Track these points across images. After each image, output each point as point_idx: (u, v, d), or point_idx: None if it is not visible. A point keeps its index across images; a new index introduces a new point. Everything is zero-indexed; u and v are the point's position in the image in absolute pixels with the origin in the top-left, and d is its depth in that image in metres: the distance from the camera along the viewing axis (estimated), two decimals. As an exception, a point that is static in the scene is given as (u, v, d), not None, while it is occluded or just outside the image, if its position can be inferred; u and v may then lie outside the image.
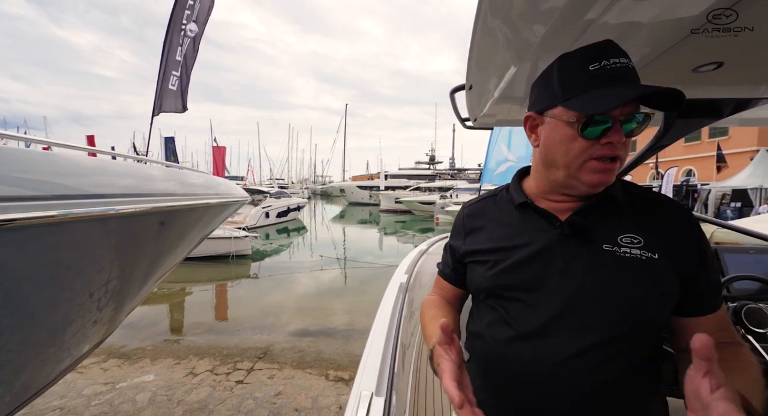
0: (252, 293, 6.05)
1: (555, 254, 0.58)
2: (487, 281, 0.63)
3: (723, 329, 0.57)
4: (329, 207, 29.49)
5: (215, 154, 15.63)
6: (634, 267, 0.54)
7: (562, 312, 0.55)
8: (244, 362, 3.38)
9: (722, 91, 0.98)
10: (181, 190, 2.33)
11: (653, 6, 0.59)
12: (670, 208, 0.60)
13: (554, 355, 0.54)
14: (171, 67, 3.83)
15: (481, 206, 0.72)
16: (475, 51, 0.77)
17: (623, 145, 0.54)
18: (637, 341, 0.54)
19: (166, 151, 8.99)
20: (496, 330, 0.62)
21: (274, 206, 13.99)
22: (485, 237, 0.66)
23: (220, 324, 4.54)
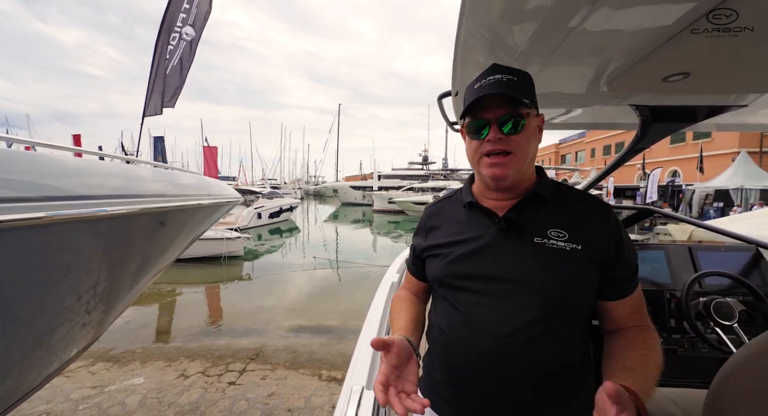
0: (244, 294, 6.01)
1: (494, 246, 0.66)
2: (438, 272, 0.71)
3: (636, 312, 0.65)
4: (322, 207, 29.38)
5: (206, 154, 15.44)
6: (559, 257, 0.62)
7: (499, 297, 0.63)
8: (237, 363, 3.37)
9: (693, 99, 1.03)
10: (172, 190, 2.32)
11: (626, 18, 0.62)
12: (594, 205, 0.67)
13: (493, 335, 0.62)
14: (163, 69, 3.80)
15: (439, 207, 0.81)
16: (459, 60, 0.80)
17: (506, 141, 0.63)
18: (562, 320, 0.62)
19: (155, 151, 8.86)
20: (447, 316, 0.70)
21: (266, 207, 13.89)
22: (441, 234, 0.75)
23: (211, 326, 4.50)
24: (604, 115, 1.31)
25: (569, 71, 0.89)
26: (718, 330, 1.04)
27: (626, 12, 0.60)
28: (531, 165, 0.70)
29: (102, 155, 2.77)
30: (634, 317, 0.65)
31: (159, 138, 9.07)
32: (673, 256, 1.34)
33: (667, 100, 1.07)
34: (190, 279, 6.73)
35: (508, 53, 0.77)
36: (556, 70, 0.87)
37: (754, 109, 1.15)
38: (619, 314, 0.65)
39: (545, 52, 0.76)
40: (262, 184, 33.26)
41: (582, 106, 1.21)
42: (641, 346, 0.61)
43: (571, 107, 1.23)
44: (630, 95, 1.06)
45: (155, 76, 3.76)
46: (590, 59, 0.81)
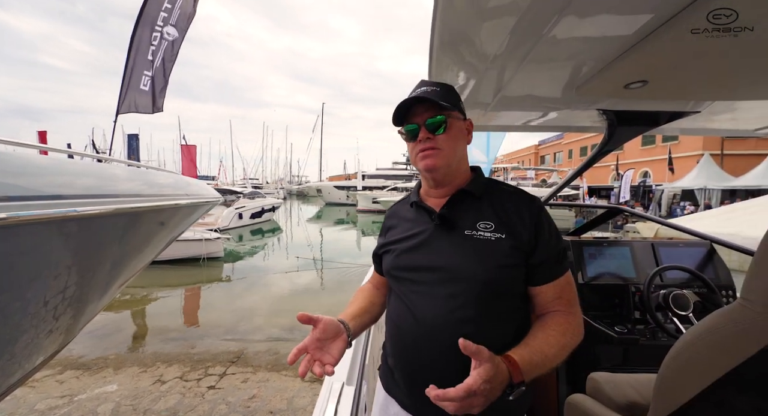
0: (225, 296, 5.87)
1: (431, 240, 0.74)
2: (388, 266, 0.80)
3: (559, 298, 0.70)
4: (306, 207, 29.02)
5: (184, 152, 14.94)
6: (485, 247, 0.69)
7: (434, 285, 0.71)
8: (216, 367, 3.29)
9: (654, 105, 1.10)
10: (147, 190, 2.24)
11: (590, 28, 0.67)
12: (520, 199, 0.74)
13: (428, 320, 0.70)
14: (142, 66, 3.66)
15: (396, 208, 0.91)
16: (434, 65, 0.82)
17: (434, 140, 0.73)
18: (490, 303, 0.68)
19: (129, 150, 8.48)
20: (393, 306, 0.79)
21: (247, 207, 13.59)
22: (395, 232, 0.84)
23: (190, 330, 4.38)
24: (575, 118, 1.38)
25: (541, 76, 0.93)
26: (676, 320, 1.12)
27: (590, 21, 0.65)
28: (462, 164, 0.79)
29: (71, 153, 2.65)
30: (557, 302, 0.69)
31: (133, 135, 8.69)
32: (638, 252, 1.42)
33: (631, 105, 1.14)
34: (167, 282, 6.50)
35: (480, 59, 0.80)
36: (529, 75, 0.92)
37: (708, 115, 1.25)
38: (543, 299, 0.70)
39: (517, 58, 0.80)
40: (243, 183, 32.50)
41: (554, 110, 1.27)
42: (551, 327, 0.66)
43: (544, 110, 1.28)
44: (597, 100, 1.12)
45: (131, 73, 3.62)
46: (559, 65, 0.85)
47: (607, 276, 1.38)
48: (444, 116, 0.72)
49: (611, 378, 0.93)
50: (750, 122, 1.34)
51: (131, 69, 3.57)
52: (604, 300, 1.36)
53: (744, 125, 1.38)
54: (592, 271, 1.39)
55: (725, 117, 1.27)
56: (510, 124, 1.52)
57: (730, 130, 1.46)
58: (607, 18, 0.63)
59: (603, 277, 1.38)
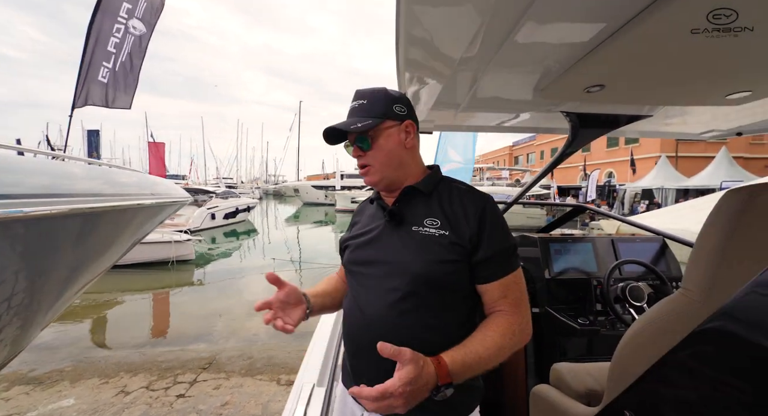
0: (196, 301, 5.63)
1: (382, 236, 0.77)
2: (345, 259, 0.84)
3: (504, 297, 0.70)
4: (283, 207, 28.40)
5: (152, 150, 14.18)
6: (429, 242, 0.71)
7: (378, 278, 0.73)
8: (186, 374, 3.15)
9: (612, 108, 1.17)
10: (108, 189, 2.11)
11: (551, 33, 0.70)
12: (468, 197, 0.75)
13: (371, 311, 0.72)
14: (101, 57, 3.43)
15: (362, 205, 0.94)
16: (401, 67, 0.83)
17: (364, 156, 0.77)
18: (431, 296, 0.70)
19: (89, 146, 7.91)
20: (346, 299, 0.82)
21: (220, 207, 13.11)
22: (357, 228, 0.87)
23: (158, 337, 4.16)
24: (544, 120, 1.44)
25: (507, 79, 0.96)
26: (632, 310, 1.20)
27: (550, 28, 0.67)
28: (407, 167, 0.79)
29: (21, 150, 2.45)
30: (501, 302, 0.69)
31: (93, 132, 8.12)
32: (599, 248, 1.51)
33: (592, 108, 1.21)
34: (132, 287, 6.15)
35: (447, 62, 0.82)
36: (496, 78, 0.95)
37: (661, 119, 1.34)
38: (488, 297, 0.71)
39: (483, 61, 0.82)
40: (216, 183, 31.30)
41: (523, 111, 1.31)
42: (491, 329, 0.67)
43: (514, 112, 1.33)
44: (561, 103, 1.18)
45: (89, 64, 3.39)
46: (524, 69, 0.88)
47: (571, 271, 1.45)
48: (365, 135, 0.75)
49: (572, 367, 0.98)
50: (696, 126, 1.45)
51: (89, 59, 3.35)
52: (569, 293, 1.43)
53: (692, 129, 1.50)
54: (558, 267, 1.46)
55: (676, 121, 1.37)
56: (483, 124, 1.56)
57: (680, 133, 1.57)
58: (565, 25, 0.66)
59: (568, 272, 1.45)
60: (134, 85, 3.59)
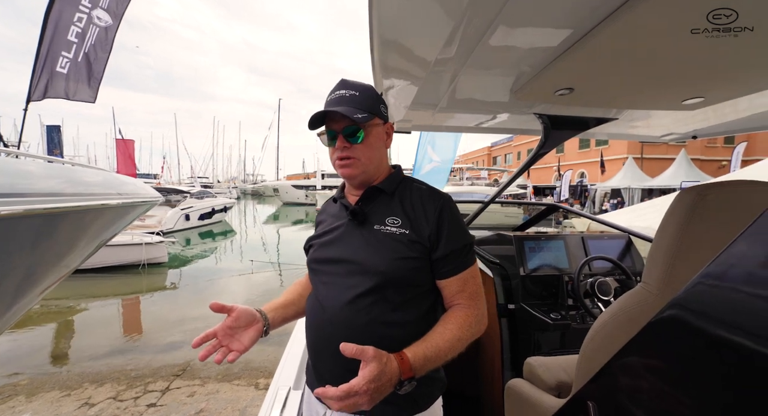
0: (169, 305, 5.40)
1: (344, 234, 0.78)
2: (308, 259, 0.84)
3: (461, 291, 0.73)
4: (261, 207, 27.72)
5: (120, 147, 13.46)
6: (390, 240, 0.73)
7: (339, 277, 0.74)
8: (158, 382, 3.02)
9: (581, 111, 1.22)
10: (69, 189, 1.99)
11: (522, 37, 0.72)
12: (428, 197, 0.78)
13: (332, 309, 0.73)
14: (60, 46, 3.21)
15: (326, 205, 0.94)
16: (377, 66, 0.83)
17: (351, 149, 0.75)
18: (391, 293, 0.71)
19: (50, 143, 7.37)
20: (310, 299, 0.81)
21: (195, 207, 12.63)
22: (321, 227, 0.86)
23: (127, 344, 3.96)
24: (519, 121, 1.48)
25: (482, 81, 0.98)
26: (600, 304, 1.26)
27: (521, 32, 0.69)
28: (380, 167, 0.81)
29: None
30: (459, 296, 0.73)
31: (54, 127, 7.58)
32: (570, 245, 1.57)
33: (563, 110, 1.25)
34: (99, 292, 5.81)
35: (421, 63, 0.83)
36: (471, 79, 0.96)
37: (626, 122, 1.41)
38: (448, 292, 0.74)
39: (458, 63, 0.83)
40: (191, 182, 30.14)
41: (498, 113, 1.35)
42: (450, 322, 0.70)
43: (490, 113, 1.36)
44: (534, 105, 1.22)
45: (47, 53, 3.16)
46: (498, 71, 0.91)
47: (545, 268, 1.51)
48: (361, 127, 0.74)
49: (544, 361, 1.01)
50: (657, 129, 1.54)
51: (47, 49, 3.13)
52: (543, 289, 1.48)
53: (653, 132, 1.59)
54: (532, 264, 1.51)
55: (639, 124, 1.45)
56: (461, 125, 1.58)
57: (643, 136, 1.67)
58: (535, 30, 0.68)
59: (541, 269, 1.50)
60: (99, 77, 3.39)
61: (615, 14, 0.59)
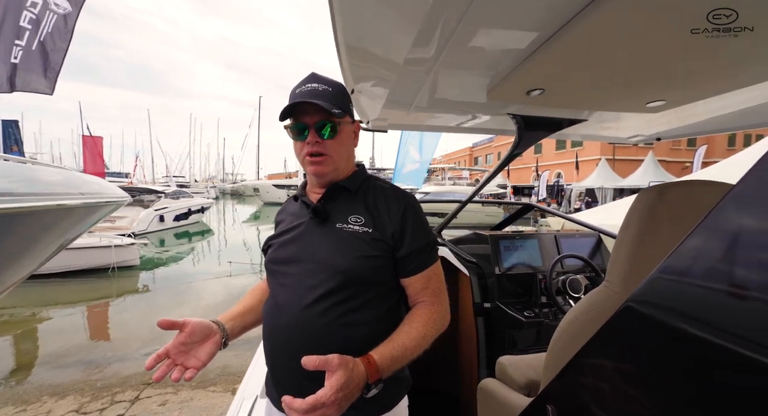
0: (142, 310, 5.16)
1: (305, 233, 0.75)
2: (266, 260, 0.80)
3: (425, 288, 0.75)
4: (241, 207, 27.01)
5: (88, 144, 12.75)
6: (352, 238, 0.71)
7: (300, 277, 0.72)
8: (127, 392, 2.87)
9: (553, 112, 1.25)
10: (22, 188, 1.85)
11: (489, 38, 0.71)
12: (391, 196, 0.78)
13: (292, 311, 0.70)
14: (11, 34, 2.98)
15: (287, 204, 0.90)
16: (347, 70, 0.82)
17: (323, 144, 0.73)
18: (354, 292, 0.70)
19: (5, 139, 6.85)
20: (267, 302, 0.78)
21: (170, 208, 12.12)
22: (280, 227, 0.83)
23: (92, 352, 3.74)
24: (495, 122, 1.49)
25: (456, 80, 0.98)
26: (571, 301, 1.30)
27: (488, 33, 0.69)
28: (348, 164, 0.81)
29: None
30: (423, 293, 0.74)
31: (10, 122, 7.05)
32: (544, 244, 1.61)
33: (536, 111, 1.27)
34: (63, 298, 5.48)
35: (391, 65, 0.81)
36: (444, 78, 0.96)
37: (596, 123, 1.45)
38: (412, 290, 0.75)
39: (429, 61, 0.83)
40: (166, 181, 28.99)
41: (473, 112, 1.35)
42: (415, 320, 0.71)
43: (465, 112, 1.36)
44: (508, 105, 1.23)
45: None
46: (471, 71, 0.90)
47: (519, 266, 1.53)
48: (335, 123, 0.73)
49: (515, 360, 1.03)
50: (625, 131, 1.60)
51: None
52: (518, 288, 1.50)
53: (622, 133, 1.65)
54: (507, 263, 1.53)
55: (607, 125, 1.50)
56: (439, 124, 1.58)
57: (612, 137, 1.72)
58: (502, 31, 0.69)
59: (516, 267, 1.53)
60: (57, 69, 3.17)
61: (578, 17, 0.59)
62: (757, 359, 0.25)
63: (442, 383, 1.64)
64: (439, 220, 1.99)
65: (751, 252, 0.28)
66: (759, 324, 0.26)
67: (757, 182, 0.28)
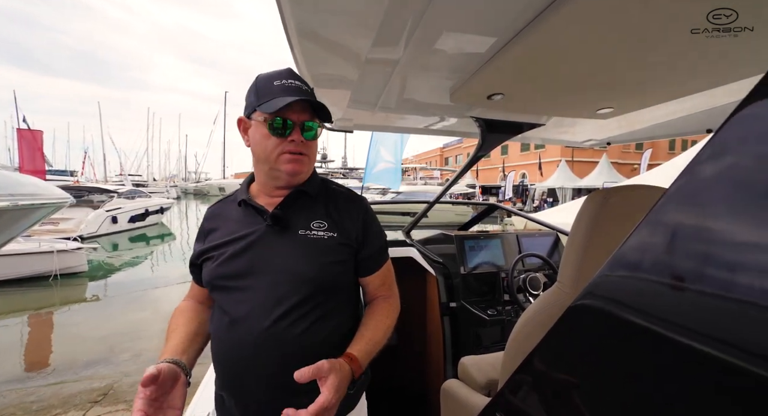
0: (90, 320, 4.73)
1: (262, 242, 0.70)
2: (209, 275, 0.71)
3: (383, 284, 0.79)
4: (205, 208, 25.60)
5: (25, 139, 11.48)
6: (318, 245, 0.70)
7: (262, 291, 0.67)
8: (70, 412, 2.61)
9: (513, 116, 1.29)
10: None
11: (447, 41, 0.71)
12: (351, 198, 0.79)
13: (256, 328, 0.65)
14: None
15: (218, 208, 0.80)
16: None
17: (305, 144, 0.71)
18: (323, 301, 0.69)
19: None
20: (217, 321, 0.70)
21: (124, 208, 11.24)
22: (218, 235, 0.74)
23: (29, 369, 3.37)
24: (461, 124, 1.52)
25: (418, 82, 0.98)
26: (531, 299, 1.35)
27: (447, 36, 0.69)
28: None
29: None
30: (382, 288, 0.78)
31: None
32: (506, 243, 1.66)
33: (497, 115, 1.31)
34: (-7, 311, 4.89)
35: (348, 66, 0.79)
36: (406, 80, 0.95)
37: (553, 128, 1.52)
38: (371, 287, 0.78)
39: (389, 63, 0.81)
40: (120, 180, 26.88)
41: (438, 114, 1.36)
42: (379, 313, 0.74)
43: (430, 115, 1.37)
44: (471, 108, 1.25)
45: None
46: (433, 73, 0.90)
47: (484, 266, 1.57)
48: (318, 125, 0.72)
49: (477, 360, 1.05)
50: (580, 135, 1.69)
51: None
52: (482, 286, 1.54)
53: (577, 138, 1.74)
54: (472, 262, 1.56)
55: (564, 130, 1.58)
56: (405, 126, 1.58)
57: (568, 141, 1.82)
58: (461, 36, 0.69)
59: (480, 267, 1.57)
60: None
61: (532, 24, 0.60)
62: (696, 347, 0.27)
63: (410, 383, 1.65)
64: (410, 220, 2.00)
65: (685, 247, 0.30)
66: (696, 313, 0.28)
67: (686, 185, 0.30)
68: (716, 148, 0.28)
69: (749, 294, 0.24)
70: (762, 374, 0.23)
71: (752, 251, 0.26)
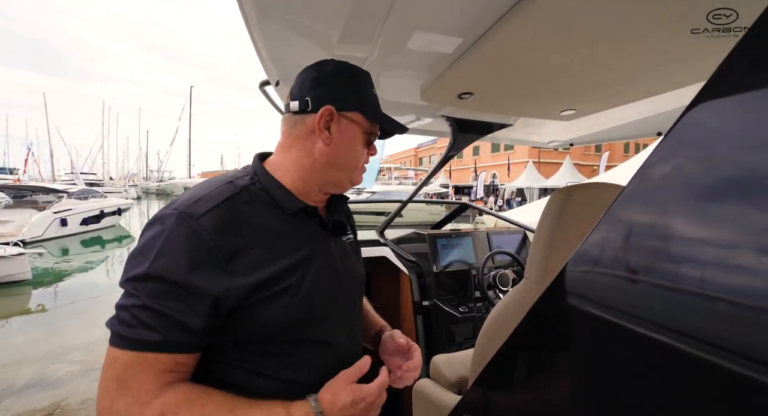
0: (34, 333, 4.30)
1: (330, 256, 0.60)
2: (294, 314, 0.52)
3: None
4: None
5: (-46, 132, 10.21)
6: (353, 248, 0.72)
7: (345, 309, 0.63)
8: (8, 437, 2.35)
9: (483, 116, 1.31)
10: None
11: (416, 40, 0.70)
12: (344, 199, 0.75)
13: (353, 352, 0.62)
14: None
15: (231, 215, 0.51)
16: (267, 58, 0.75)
17: None
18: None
19: None
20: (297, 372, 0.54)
21: (76, 210, 10.34)
22: (264, 256, 0.51)
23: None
24: (434, 124, 1.53)
25: (390, 80, 0.97)
26: (501, 295, 1.38)
27: (415, 35, 0.68)
28: None
29: None
30: None
31: None
32: (477, 241, 1.70)
33: (468, 114, 1.33)
34: None
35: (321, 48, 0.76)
36: (380, 78, 0.94)
37: (521, 128, 1.57)
38: None
39: (359, 60, 0.79)
40: (71, 179, 24.75)
41: (410, 113, 1.36)
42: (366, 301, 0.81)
43: (402, 113, 1.37)
44: (442, 107, 1.26)
45: None
46: (404, 72, 0.90)
47: (455, 264, 1.60)
48: None
49: (448, 358, 1.06)
50: (545, 136, 1.76)
51: None
52: (454, 284, 1.56)
53: (542, 138, 1.81)
54: (444, 261, 1.58)
55: (530, 131, 1.63)
56: None
57: (534, 142, 1.89)
58: (428, 35, 0.68)
59: (452, 265, 1.59)
60: None
61: (497, 25, 0.61)
62: (654, 337, 0.28)
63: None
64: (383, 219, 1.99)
65: (639, 243, 0.32)
66: (652, 304, 0.29)
67: (640, 184, 0.32)
68: (665, 150, 0.30)
69: (698, 285, 0.26)
70: (709, 359, 0.25)
71: (699, 245, 0.27)
